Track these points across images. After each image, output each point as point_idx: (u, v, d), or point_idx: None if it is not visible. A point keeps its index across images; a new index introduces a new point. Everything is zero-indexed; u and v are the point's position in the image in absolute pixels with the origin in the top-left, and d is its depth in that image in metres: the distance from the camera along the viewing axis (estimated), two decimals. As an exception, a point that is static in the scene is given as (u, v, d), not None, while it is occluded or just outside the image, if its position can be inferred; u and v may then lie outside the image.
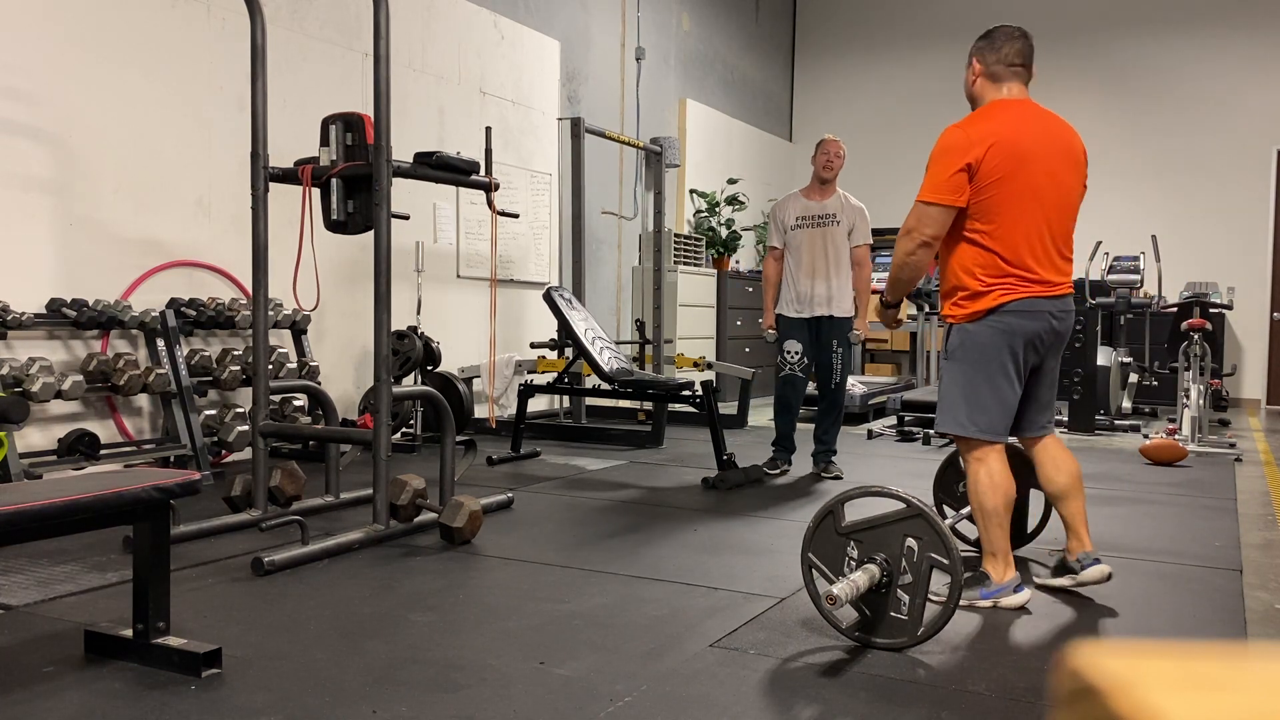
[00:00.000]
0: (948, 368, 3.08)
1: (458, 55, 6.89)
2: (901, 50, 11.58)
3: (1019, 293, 2.96)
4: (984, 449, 3.03)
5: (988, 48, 3.08)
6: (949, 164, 2.94)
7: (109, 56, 4.77)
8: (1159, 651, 0.45)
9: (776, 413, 5.42)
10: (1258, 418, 9.25)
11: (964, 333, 3.03)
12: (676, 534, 3.95)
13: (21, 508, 2.13)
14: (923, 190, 2.97)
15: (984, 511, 3.02)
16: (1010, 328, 2.97)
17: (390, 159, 3.70)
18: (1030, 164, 2.94)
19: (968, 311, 3.01)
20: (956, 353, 3.05)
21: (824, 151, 5.28)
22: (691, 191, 9.79)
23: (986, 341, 2.98)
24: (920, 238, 2.97)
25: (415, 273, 6.18)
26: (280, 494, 4.10)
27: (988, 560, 3.05)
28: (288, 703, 2.21)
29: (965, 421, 3.02)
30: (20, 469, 4.05)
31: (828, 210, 5.25)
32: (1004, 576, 3.02)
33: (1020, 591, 3.02)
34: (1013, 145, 2.94)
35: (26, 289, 4.45)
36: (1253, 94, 10.15)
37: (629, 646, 2.61)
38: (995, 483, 3.00)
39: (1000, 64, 3.05)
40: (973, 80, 3.11)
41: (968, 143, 2.94)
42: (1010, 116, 2.99)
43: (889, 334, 10.88)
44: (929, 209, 2.96)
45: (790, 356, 5.30)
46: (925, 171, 3.01)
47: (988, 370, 2.99)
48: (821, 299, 5.22)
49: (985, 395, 3.00)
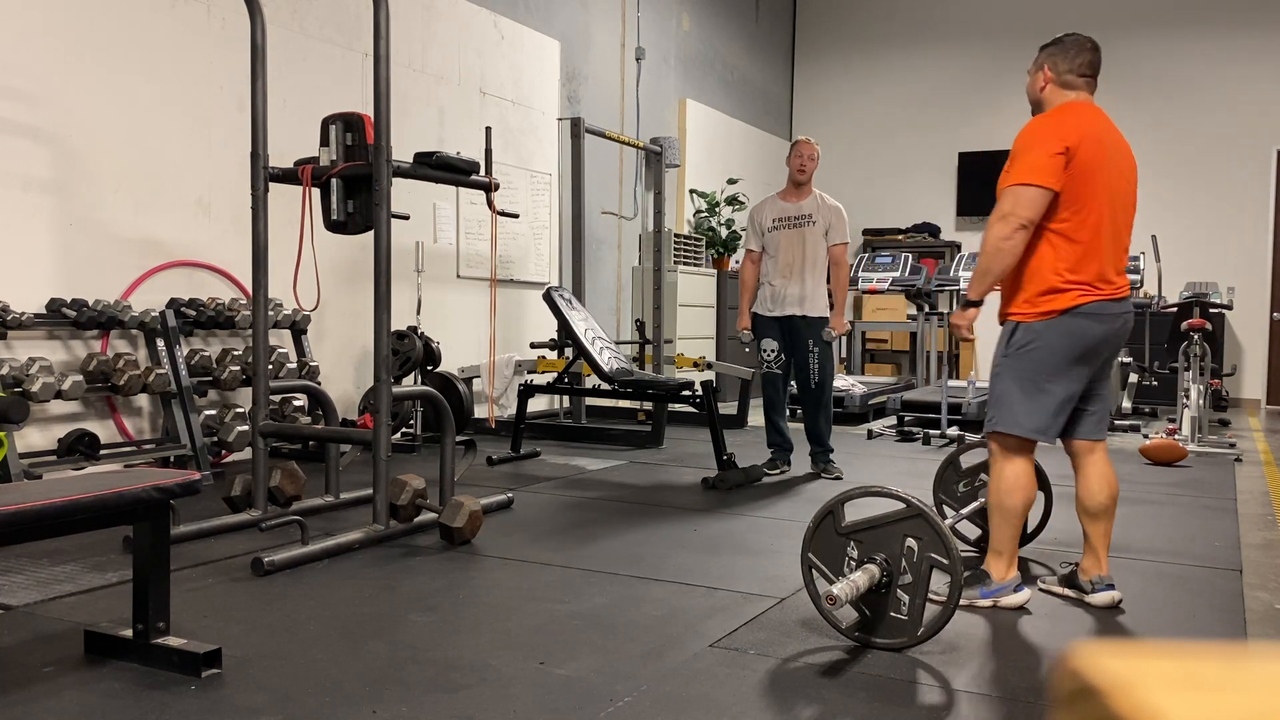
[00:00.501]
0: (1008, 365, 2.97)
1: (458, 55, 6.89)
2: (901, 50, 11.58)
3: (1094, 295, 2.89)
4: (1016, 447, 2.97)
5: (1060, 54, 3.04)
6: (1048, 146, 2.85)
7: (109, 56, 4.77)
8: (1159, 651, 0.45)
9: (765, 412, 5.47)
10: (1258, 418, 9.25)
11: (1031, 331, 2.92)
12: (676, 534, 3.95)
13: (21, 508, 2.13)
14: (1019, 173, 2.87)
15: (1002, 509, 2.99)
16: (1081, 331, 2.89)
17: (390, 159, 3.70)
18: (1108, 165, 2.92)
19: (1041, 310, 2.90)
20: (1021, 351, 2.94)
21: (798, 154, 5.33)
22: (691, 191, 9.79)
23: (1055, 343, 2.90)
24: (1018, 220, 2.84)
25: (415, 273, 6.18)
26: (280, 494, 4.10)
27: (991, 558, 3.03)
28: (288, 703, 2.21)
29: (1020, 421, 2.94)
30: (20, 469, 4.05)
31: (804, 211, 5.28)
32: (1005, 576, 3.01)
33: (1020, 591, 3.01)
34: (1098, 143, 2.91)
35: (26, 289, 4.45)
36: (1253, 94, 10.15)
37: (629, 646, 2.61)
38: (1020, 483, 2.97)
39: (1072, 72, 3.02)
40: (1042, 85, 3.06)
41: (1063, 129, 2.88)
42: (1090, 117, 2.96)
43: (889, 334, 10.88)
44: (1028, 190, 2.85)
45: (767, 355, 5.35)
46: (1013, 160, 2.92)
47: (1051, 372, 2.91)
48: (794, 299, 5.24)
49: (1044, 397, 2.92)
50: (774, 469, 5.38)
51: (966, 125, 11.25)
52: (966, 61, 11.27)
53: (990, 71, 11.15)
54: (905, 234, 11.20)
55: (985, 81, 11.18)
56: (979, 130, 11.18)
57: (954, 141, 11.29)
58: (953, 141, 11.29)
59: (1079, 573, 3.12)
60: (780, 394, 5.41)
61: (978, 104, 11.21)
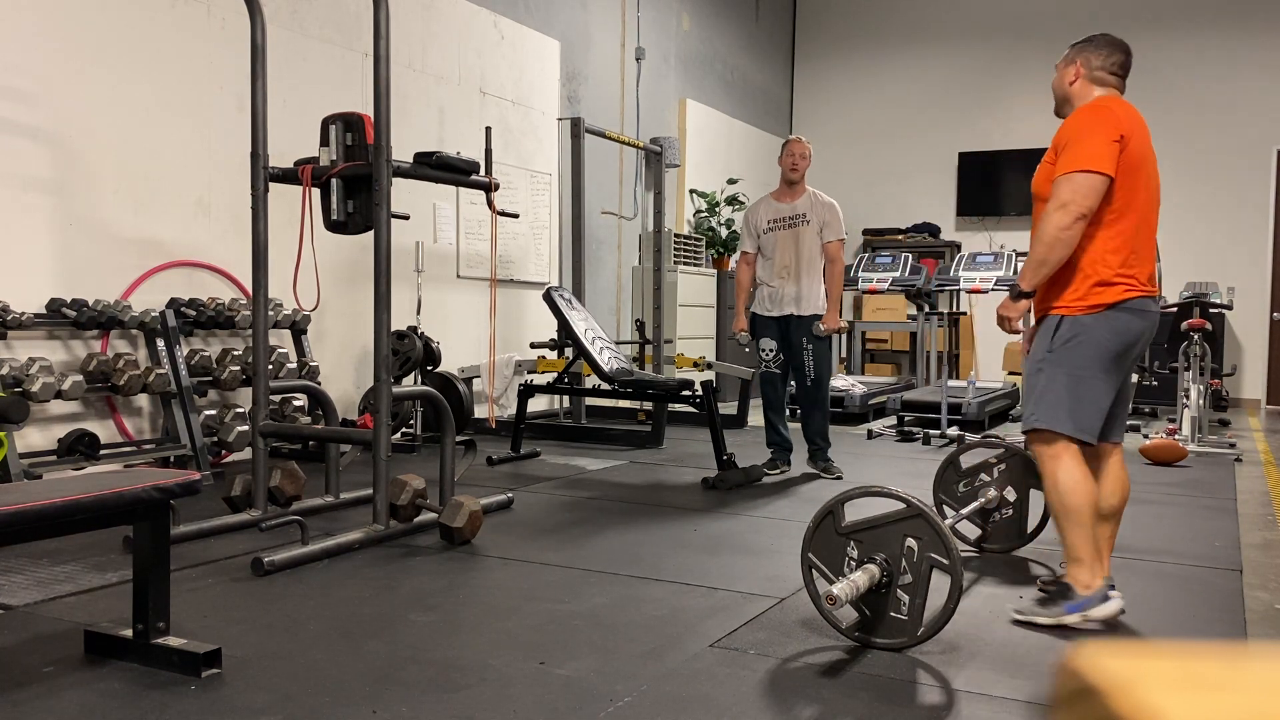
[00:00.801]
0: (1052, 360, 2.84)
1: (458, 55, 6.89)
2: (901, 50, 11.58)
3: (1138, 291, 2.81)
4: (1062, 447, 2.83)
5: (1093, 51, 2.95)
6: (1105, 133, 2.75)
7: (109, 57, 4.77)
8: (1159, 651, 0.45)
9: (764, 412, 5.48)
10: (1258, 418, 9.25)
11: (1078, 325, 2.81)
12: (676, 534, 3.95)
13: (21, 508, 2.13)
14: (1077, 159, 2.74)
15: (1066, 511, 2.82)
16: (1125, 326, 2.80)
17: (390, 159, 3.70)
18: (1148, 163, 2.85)
19: (1090, 303, 2.79)
20: (1069, 344, 2.82)
21: (789, 153, 5.35)
22: (691, 191, 9.78)
23: (1104, 336, 2.79)
24: (1078, 210, 2.72)
25: (415, 273, 6.18)
26: (280, 494, 4.10)
27: (1072, 568, 2.85)
28: (288, 703, 2.21)
29: (1065, 419, 2.81)
30: (20, 469, 4.05)
31: (798, 211, 5.29)
32: (1091, 585, 2.82)
33: (1110, 601, 2.82)
34: (1143, 137, 2.83)
35: (26, 289, 4.45)
36: (1253, 94, 10.15)
37: (629, 646, 2.61)
38: (1077, 480, 2.81)
39: (1104, 69, 2.94)
40: (1072, 79, 2.96)
41: (1117, 118, 2.78)
42: (1134, 112, 2.86)
43: (889, 334, 10.88)
44: (1088, 178, 2.72)
45: (765, 354, 5.36)
46: (1067, 147, 2.79)
47: (1097, 367, 2.81)
48: (790, 298, 5.25)
49: (1090, 393, 2.81)
50: (774, 469, 5.38)
51: (966, 125, 11.25)
52: (966, 61, 11.27)
53: (990, 71, 11.15)
54: (905, 234, 11.20)
55: (985, 81, 11.18)
56: (979, 130, 11.19)
57: (954, 141, 11.29)
58: (953, 141, 11.29)
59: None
60: (779, 394, 5.42)
61: (978, 104, 11.21)
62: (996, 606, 3.05)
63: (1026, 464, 3.66)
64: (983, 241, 11.05)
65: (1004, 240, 10.93)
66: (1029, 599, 3.06)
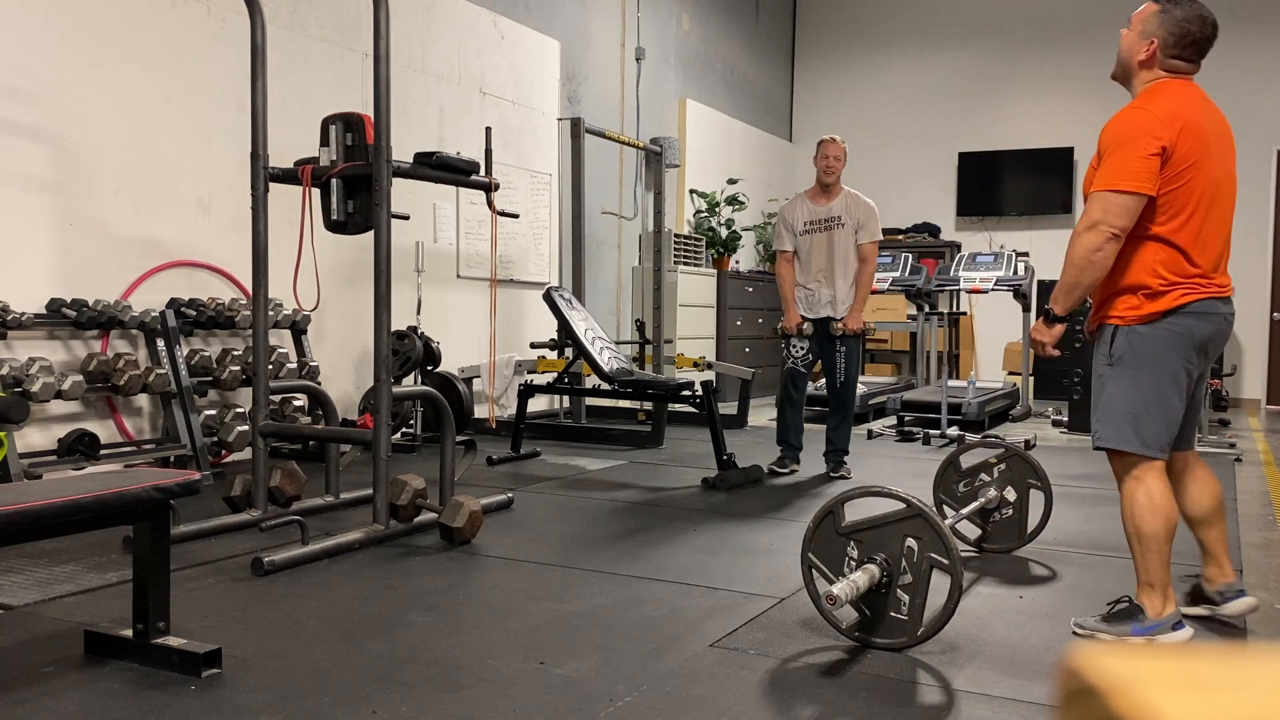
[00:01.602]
0: (1112, 375, 2.74)
1: (458, 55, 6.89)
2: (901, 50, 11.58)
3: (1198, 293, 2.67)
4: (1144, 467, 2.71)
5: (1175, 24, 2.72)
6: (1142, 147, 2.61)
7: (109, 57, 4.77)
8: (1159, 651, 0.45)
9: (779, 408, 5.45)
10: (1258, 418, 9.25)
11: (1134, 336, 2.70)
12: (676, 534, 3.95)
13: (21, 508, 2.13)
14: (1109, 177, 2.63)
15: (1141, 536, 2.70)
16: (1187, 331, 2.68)
17: (390, 159, 3.70)
18: (1209, 158, 2.68)
19: (1142, 313, 2.68)
20: (1125, 358, 2.71)
21: (823, 155, 5.29)
22: (691, 191, 9.78)
23: (1161, 346, 2.68)
24: (1109, 230, 2.62)
25: (415, 273, 6.18)
26: (280, 494, 4.10)
27: (1143, 593, 2.74)
28: (288, 703, 2.21)
29: (1132, 435, 2.70)
30: (20, 469, 4.05)
31: (833, 213, 5.26)
32: (1162, 611, 2.72)
33: (1180, 630, 2.74)
34: (1199, 130, 2.66)
35: (26, 289, 4.45)
36: (1252, 95, 10.15)
37: (629, 646, 2.61)
38: (1157, 505, 2.68)
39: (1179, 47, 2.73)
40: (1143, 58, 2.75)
41: (1158, 124, 2.62)
42: (1188, 98, 2.70)
43: (889, 334, 10.88)
44: (1119, 198, 2.61)
45: (796, 351, 5.33)
46: (1105, 159, 2.67)
47: (1160, 378, 2.69)
48: (826, 301, 5.25)
49: (1155, 406, 2.69)
50: (783, 468, 5.38)
51: (966, 125, 11.25)
52: (966, 61, 11.27)
53: (990, 71, 11.15)
54: (905, 234, 11.20)
55: (985, 81, 11.18)
56: (979, 130, 11.19)
57: (954, 141, 11.29)
58: (953, 141, 11.29)
59: (1204, 584, 2.92)
60: (802, 392, 5.40)
61: (978, 104, 11.21)
62: (996, 606, 3.05)
63: (1026, 464, 3.66)
64: (983, 241, 11.05)
65: (1004, 240, 10.94)
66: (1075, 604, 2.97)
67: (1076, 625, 2.85)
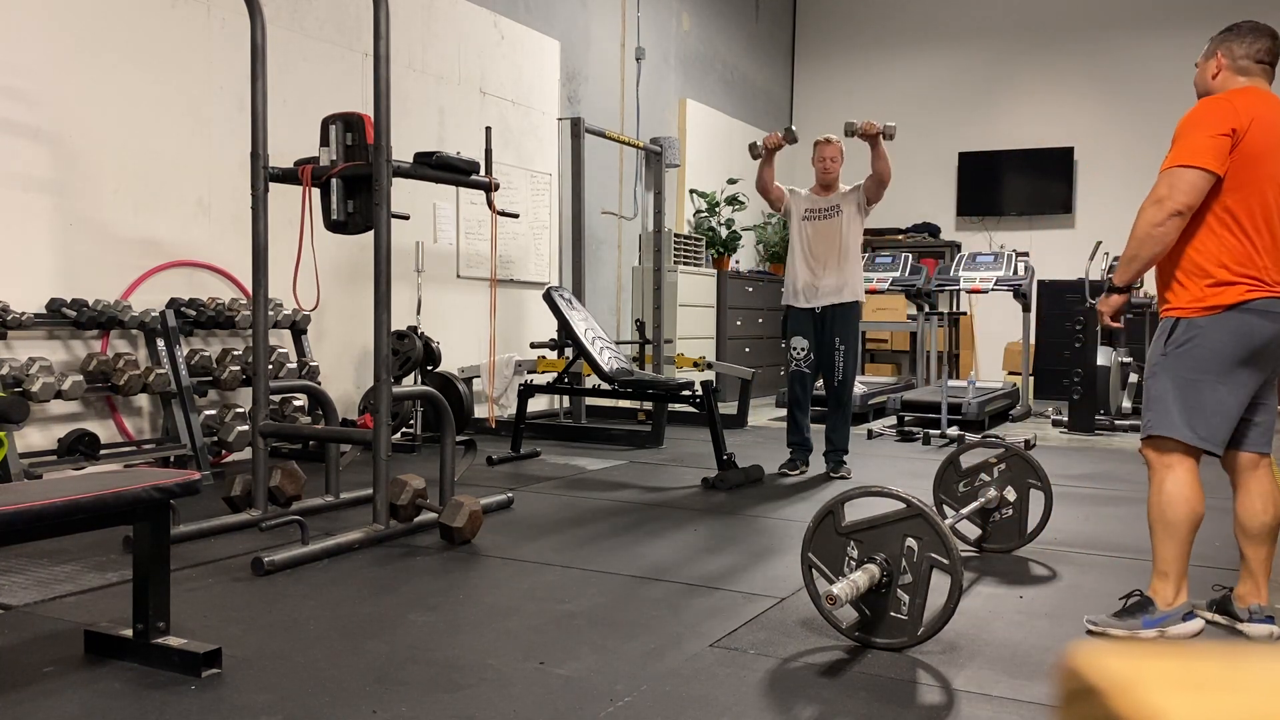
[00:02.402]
0: (1166, 365, 2.73)
1: (458, 55, 6.89)
2: (901, 50, 11.58)
3: (1265, 291, 2.64)
4: (1179, 457, 2.70)
5: (1236, 39, 2.82)
6: (1212, 127, 2.63)
7: (109, 56, 4.77)
8: (1159, 651, 0.45)
9: (788, 410, 5.46)
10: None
11: (1194, 327, 2.67)
12: (676, 534, 3.95)
13: (21, 508, 2.13)
14: (1177, 154, 2.64)
15: (1165, 524, 2.70)
16: (1251, 329, 2.64)
17: (390, 159, 3.70)
18: (1277, 153, 2.68)
19: (1206, 304, 2.66)
20: (1183, 348, 2.69)
21: (820, 157, 5.33)
22: (691, 191, 9.78)
23: (1221, 340, 2.65)
24: (1174, 206, 2.61)
25: (415, 273, 6.18)
26: (280, 494, 4.10)
27: (1157, 580, 2.75)
28: (288, 703, 2.21)
29: (1182, 425, 2.68)
30: (20, 469, 4.05)
31: (833, 204, 5.30)
32: (1173, 602, 2.73)
33: (1190, 620, 2.75)
34: (1270, 128, 2.67)
35: (26, 289, 4.45)
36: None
37: (629, 646, 2.61)
38: (1185, 495, 2.68)
39: (1248, 58, 2.79)
40: (1215, 72, 2.83)
41: (1232, 110, 2.65)
42: (1263, 100, 2.72)
43: (889, 334, 10.88)
44: (1186, 173, 2.61)
45: (796, 353, 5.34)
46: (1175, 141, 2.69)
47: (1217, 372, 2.66)
48: (828, 289, 5.25)
49: (1209, 400, 2.66)
50: (793, 469, 5.39)
51: (966, 125, 11.25)
52: (966, 61, 11.27)
53: (990, 71, 11.15)
54: (905, 234, 11.20)
55: (985, 81, 11.18)
56: (979, 130, 11.18)
57: (954, 141, 11.29)
58: (953, 141, 11.29)
59: (1234, 599, 2.86)
60: (807, 392, 5.41)
61: (978, 104, 11.21)
62: (996, 606, 3.05)
63: (1026, 464, 3.66)
64: (983, 241, 11.05)
65: (1004, 240, 10.93)
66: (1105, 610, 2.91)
67: (1089, 623, 2.84)
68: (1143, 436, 2.81)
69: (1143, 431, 2.81)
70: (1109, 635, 2.79)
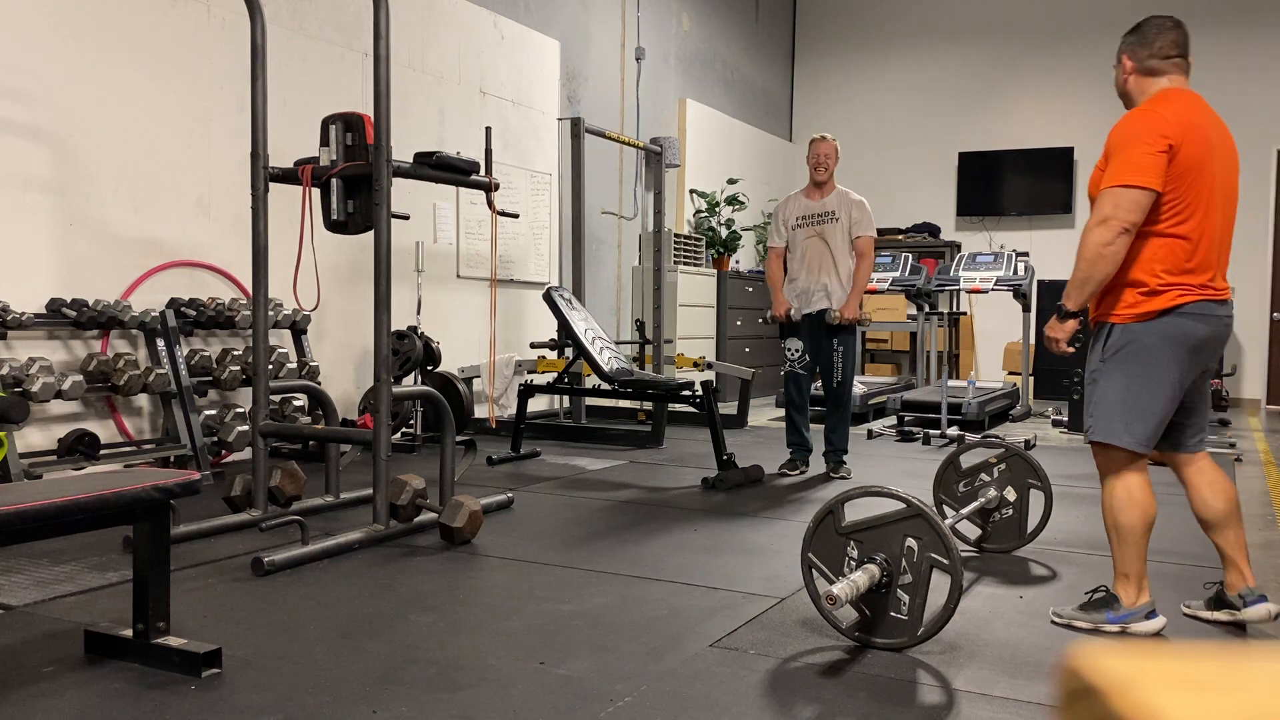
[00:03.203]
0: (1106, 371, 2.80)
1: (458, 55, 6.89)
2: (901, 50, 11.58)
3: (1196, 295, 2.72)
4: (1124, 461, 2.79)
5: (1138, 42, 2.88)
6: (1150, 144, 2.66)
7: (109, 56, 4.77)
8: (1159, 651, 0.45)
9: (786, 411, 5.47)
10: (1258, 418, 9.25)
11: (1129, 333, 2.75)
12: (676, 534, 3.95)
13: (21, 508, 2.13)
14: (1120, 173, 2.68)
15: (1119, 529, 2.79)
16: (1183, 332, 2.72)
17: (390, 159, 3.70)
18: (1212, 159, 2.74)
19: (1139, 311, 2.73)
20: (1120, 355, 2.77)
21: (814, 153, 5.33)
22: (691, 191, 9.78)
23: (1155, 345, 2.73)
24: (1120, 224, 2.66)
25: (415, 273, 6.18)
26: (280, 494, 4.10)
27: (1119, 583, 2.82)
28: (288, 703, 2.21)
29: (1122, 432, 2.76)
30: (20, 469, 4.05)
31: (827, 208, 5.28)
32: (1136, 601, 2.81)
33: (1153, 619, 2.81)
34: (1204, 134, 2.73)
35: (26, 289, 4.45)
36: (1252, 94, 10.15)
37: (629, 646, 2.61)
38: (1135, 499, 2.77)
39: (1155, 57, 2.84)
40: (1124, 78, 2.89)
41: (1165, 124, 2.68)
42: (1190, 106, 2.76)
43: (889, 334, 10.89)
44: (1130, 192, 2.65)
45: (791, 354, 5.35)
46: (1113, 157, 2.72)
47: (1152, 376, 2.74)
48: (821, 295, 5.24)
49: (1146, 403, 2.74)
50: (793, 469, 5.39)
51: (966, 125, 11.25)
52: (966, 61, 11.27)
53: (990, 71, 11.15)
54: (905, 234, 11.20)
55: (985, 81, 11.18)
56: (979, 130, 11.19)
57: (954, 141, 11.29)
58: (953, 141, 11.29)
59: (1226, 589, 2.91)
60: (803, 394, 5.41)
61: (978, 104, 11.21)
62: (996, 606, 3.05)
63: (1026, 464, 3.66)
64: (983, 241, 11.05)
65: (1004, 240, 10.94)
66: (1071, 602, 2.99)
67: (1055, 614, 2.91)
68: (1087, 441, 2.89)
69: (1086, 436, 2.89)
70: (1074, 627, 2.86)
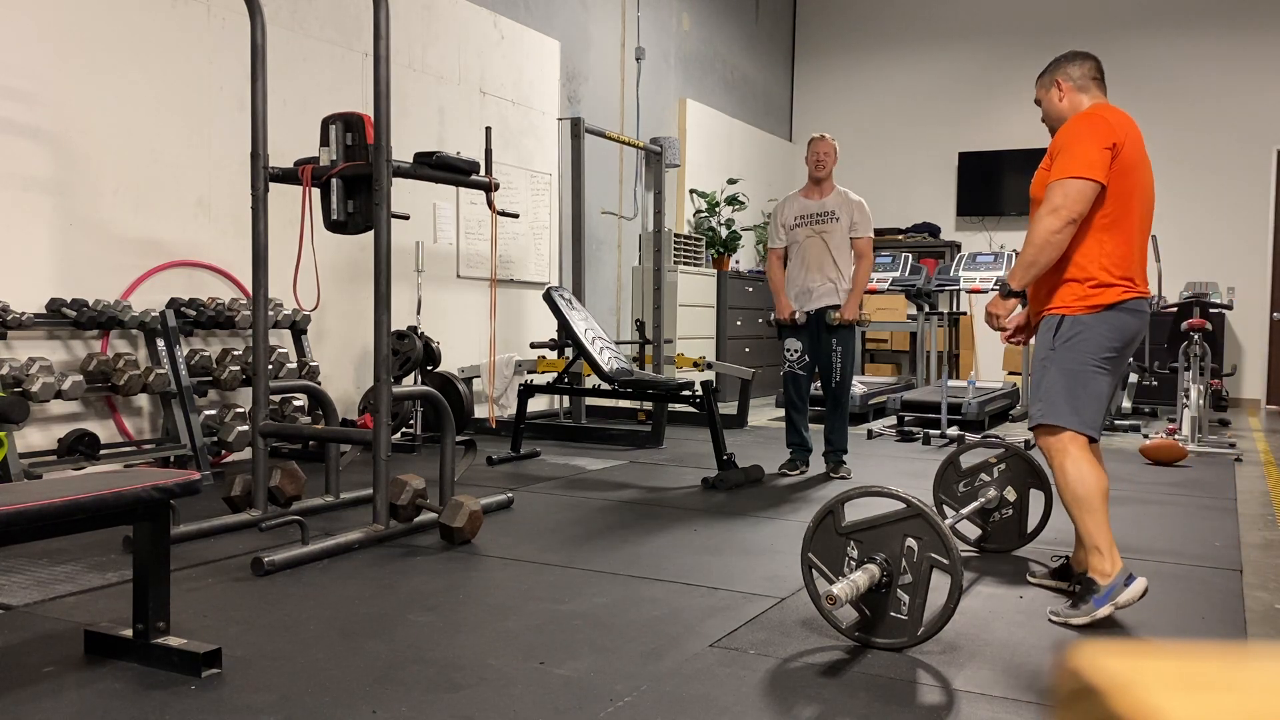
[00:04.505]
0: (1055, 359, 2.97)
1: (458, 55, 6.89)
2: (901, 50, 11.58)
3: (1135, 291, 2.94)
4: (1068, 439, 2.94)
5: (1069, 64, 3.10)
6: (1096, 141, 2.87)
7: (109, 57, 4.76)
8: (1159, 651, 0.45)
9: (785, 411, 5.47)
10: (1258, 418, 9.25)
11: (1079, 324, 2.94)
12: (676, 534, 3.95)
13: (21, 508, 2.13)
14: (1070, 166, 2.86)
15: (1079, 502, 2.93)
16: (1124, 325, 2.94)
17: (390, 159, 3.70)
18: (1141, 167, 2.96)
19: (1089, 303, 2.93)
20: (1069, 344, 2.95)
21: (814, 152, 5.34)
22: (691, 191, 9.78)
23: (1103, 334, 2.92)
24: (1069, 215, 2.85)
25: (415, 273, 6.18)
26: (280, 494, 4.10)
27: (1091, 557, 2.92)
28: (288, 703, 2.21)
29: (1069, 414, 2.93)
30: (20, 469, 4.05)
31: (826, 208, 5.28)
32: (1112, 571, 2.89)
33: (1133, 582, 2.88)
34: (1138, 142, 2.95)
35: (26, 289, 4.45)
36: (1253, 94, 10.15)
37: (629, 646, 2.61)
38: (1085, 472, 2.91)
39: (1085, 76, 3.07)
40: (1060, 97, 3.08)
41: (1109, 126, 2.90)
42: (1126, 116, 2.99)
43: (889, 334, 10.88)
44: (1078, 184, 2.85)
45: (791, 354, 5.35)
46: (1060, 154, 2.91)
47: (1097, 364, 2.93)
48: (821, 293, 5.24)
49: (1092, 388, 2.94)
50: (793, 469, 5.40)
51: (966, 125, 11.25)
52: (966, 61, 11.27)
53: (990, 71, 11.15)
54: (905, 234, 11.20)
55: (985, 81, 11.18)
56: (979, 130, 11.19)
57: (954, 141, 11.29)
58: (953, 141, 11.29)
59: (1073, 564, 3.16)
60: (802, 394, 5.41)
61: (978, 104, 11.21)
62: (996, 606, 3.05)
63: (1026, 464, 3.66)
64: (983, 241, 11.05)
65: (1004, 240, 10.94)
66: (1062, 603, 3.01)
67: (1051, 614, 2.95)
68: (1031, 426, 3.06)
69: (1031, 421, 3.05)
70: (1071, 625, 2.89)
